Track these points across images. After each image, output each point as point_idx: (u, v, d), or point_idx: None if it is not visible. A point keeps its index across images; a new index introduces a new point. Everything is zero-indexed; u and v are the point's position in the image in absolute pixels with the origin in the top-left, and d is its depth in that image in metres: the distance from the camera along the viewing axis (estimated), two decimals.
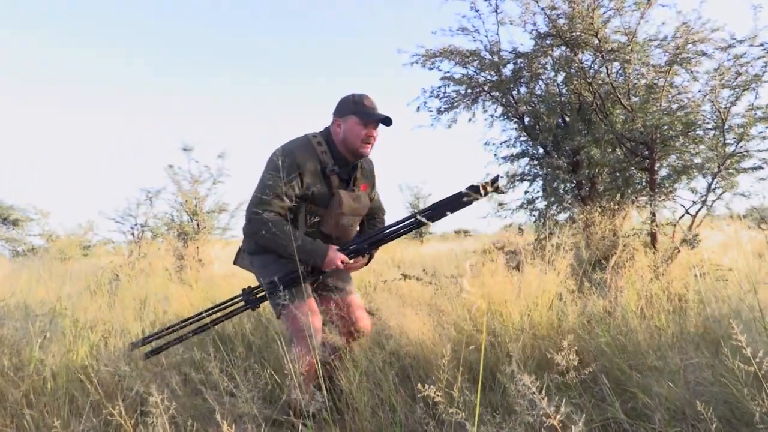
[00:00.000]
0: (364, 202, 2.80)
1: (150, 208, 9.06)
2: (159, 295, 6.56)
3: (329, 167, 2.62)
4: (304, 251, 2.48)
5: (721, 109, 4.04)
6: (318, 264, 2.54)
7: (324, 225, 2.68)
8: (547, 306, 3.66)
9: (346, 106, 2.64)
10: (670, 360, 2.47)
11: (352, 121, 2.60)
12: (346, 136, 2.62)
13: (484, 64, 5.21)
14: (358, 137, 2.61)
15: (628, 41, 4.33)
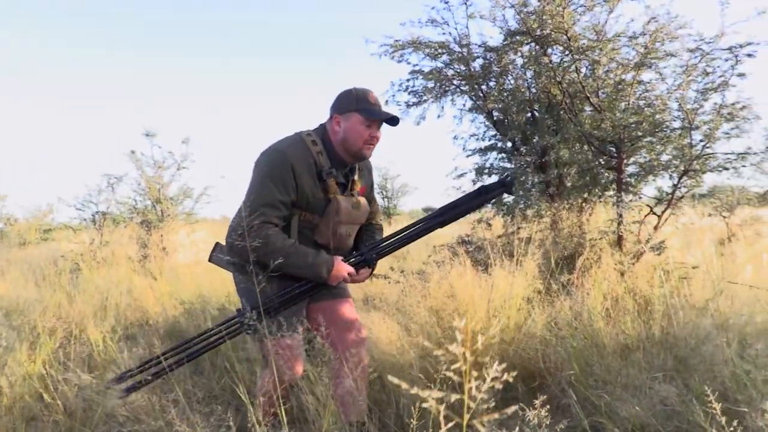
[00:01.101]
0: (364, 209, 2.55)
1: (112, 194, 8.83)
2: (122, 287, 6.42)
3: (326, 170, 2.33)
4: (308, 266, 2.26)
5: (688, 109, 4.05)
6: (323, 278, 2.29)
7: (319, 235, 2.41)
8: (515, 308, 3.66)
9: (347, 101, 2.36)
10: (633, 377, 2.48)
11: (354, 120, 2.33)
12: (347, 136, 2.34)
13: (453, 56, 5.14)
14: (361, 138, 2.34)
15: (597, 40, 4.30)
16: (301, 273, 2.25)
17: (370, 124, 2.32)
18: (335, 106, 2.39)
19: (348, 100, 2.35)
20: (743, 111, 4.14)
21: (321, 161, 2.32)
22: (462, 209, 2.49)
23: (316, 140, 2.35)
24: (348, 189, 2.47)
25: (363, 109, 2.32)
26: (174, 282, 6.54)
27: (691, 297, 3.83)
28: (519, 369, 3.30)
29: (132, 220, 8.76)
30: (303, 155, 2.28)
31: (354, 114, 2.32)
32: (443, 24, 5.14)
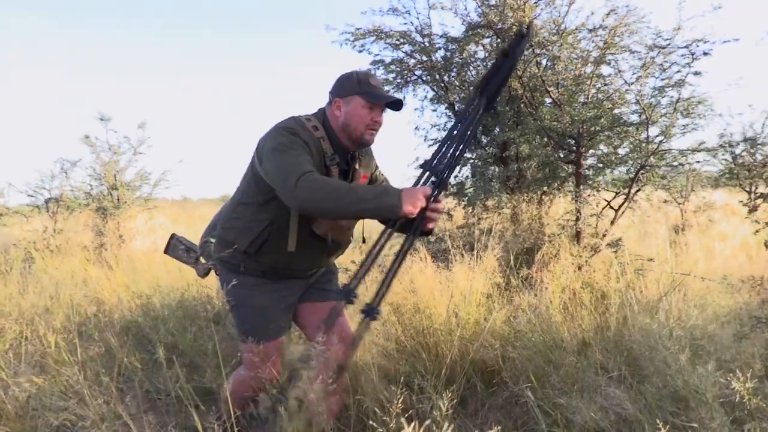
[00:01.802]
0: None
1: (66, 180, 8.57)
2: (77, 278, 6.27)
3: (329, 157, 2.21)
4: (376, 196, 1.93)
5: (645, 105, 4.10)
6: (396, 207, 1.91)
7: (317, 225, 2.26)
8: (475, 304, 3.69)
9: (348, 84, 2.22)
10: (589, 380, 2.52)
11: (356, 103, 2.20)
12: (349, 121, 2.21)
13: (415, 46, 5.10)
14: (363, 122, 2.21)
15: (557, 35, 4.32)
16: (369, 206, 1.92)
17: (372, 107, 2.20)
18: (335, 89, 2.27)
19: (349, 83, 2.23)
20: (699, 107, 4.22)
21: (325, 147, 2.21)
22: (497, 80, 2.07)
23: (317, 125, 2.23)
24: (350, 178, 2.34)
25: (365, 92, 2.19)
26: (131, 272, 6.41)
27: (646, 289, 3.92)
28: (479, 365, 3.35)
29: (87, 206, 8.53)
30: (310, 137, 2.16)
31: (355, 97, 2.20)
32: (405, 13, 5.09)
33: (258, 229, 2.26)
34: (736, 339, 2.47)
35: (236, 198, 2.38)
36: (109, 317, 4.78)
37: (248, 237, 2.28)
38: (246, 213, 2.30)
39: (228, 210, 2.43)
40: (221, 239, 2.41)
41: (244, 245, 2.29)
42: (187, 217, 13.61)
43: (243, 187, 2.34)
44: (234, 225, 2.35)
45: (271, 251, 2.29)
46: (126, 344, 3.98)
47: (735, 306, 3.66)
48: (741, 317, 3.16)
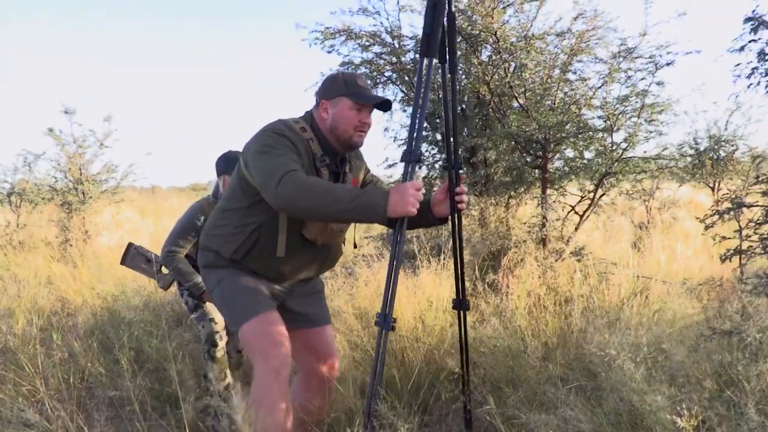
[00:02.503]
0: None
1: (29, 173, 8.40)
2: (41, 276, 6.17)
3: (318, 158, 2.14)
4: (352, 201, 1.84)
5: (610, 113, 4.17)
6: (380, 210, 1.85)
7: (307, 229, 2.16)
8: (442, 310, 3.73)
9: (335, 86, 2.16)
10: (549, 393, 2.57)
11: (343, 105, 2.13)
12: (337, 123, 2.14)
13: (385, 47, 5.09)
14: (351, 124, 2.14)
15: (525, 43, 4.35)
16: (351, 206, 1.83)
17: (360, 108, 2.14)
18: (321, 91, 2.19)
19: (336, 84, 2.16)
20: (662, 114, 4.30)
21: (313, 148, 2.14)
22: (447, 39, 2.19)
23: (306, 127, 2.16)
24: (340, 181, 2.25)
25: (352, 93, 2.14)
26: (96, 269, 6.33)
27: (609, 293, 4.00)
28: (446, 372, 3.38)
29: (51, 200, 8.36)
30: (298, 138, 2.10)
31: (343, 98, 2.13)
32: (375, 14, 5.08)
33: (245, 234, 2.16)
34: (691, 350, 2.54)
35: (221, 205, 2.28)
36: (73, 320, 4.71)
37: (234, 242, 2.18)
38: (232, 218, 2.20)
39: (215, 217, 2.32)
40: (204, 247, 2.31)
41: (229, 251, 2.18)
42: (156, 208, 13.46)
43: (228, 194, 2.26)
44: (219, 232, 2.24)
45: (259, 257, 2.18)
46: (90, 348, 3.93)
47: (693, 311, 3.75)
48: (698, 323, 3.24)
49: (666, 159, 4.34)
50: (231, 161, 3.12)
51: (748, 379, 1.88)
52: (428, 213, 2.24)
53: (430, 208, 2.25)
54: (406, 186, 1.87)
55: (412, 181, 1.89)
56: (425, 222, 2.30)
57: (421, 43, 2.04)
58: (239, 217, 2.18)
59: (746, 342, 1.87)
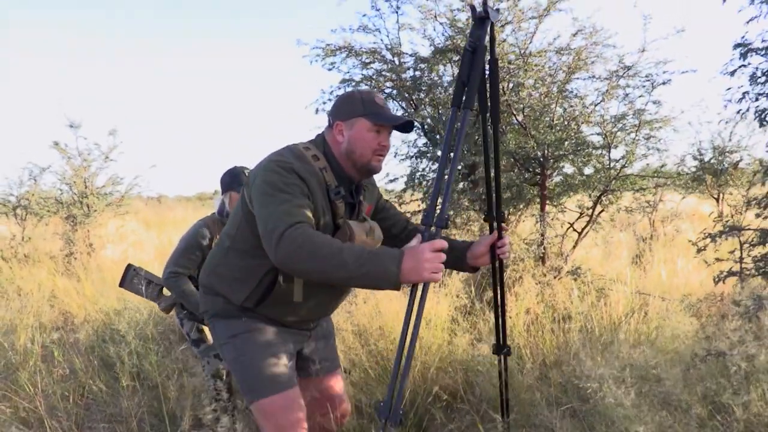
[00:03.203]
0: (378, 237, 2.04)
1: (34, 186, 8.47)
2: (44, 290, 6.21)
3: (333, 189, 1.92)
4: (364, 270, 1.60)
5: (608, 131, 4.19)
6: (392, 277, 1.59)
7: None
8: (439, 328, 3.75)
9: (351, 105, 1.95)
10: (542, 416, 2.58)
11: (361, 126, 1.92)
12: (353, 147, 1.93)
13: (385, 64, 5.14)
14: (369, 147, 1.92)
15: (522, 62, 4.38)
16: (358, 273, 1.60)
17: (379, 130, 1.93)
18: (335, 111, 1.99)
19: (352, 104, 1.95)
20: (660, 131, 4.32)
21: (328, 179, 1.92)
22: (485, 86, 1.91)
23: (318, 155, 1.94)
24: (356, 212, 2.05)
25: (371, 113, 1.92)
26: (100, 283, 6.37)
27: (608, 310, 4.01)
28: (441, 388, 3.40)
29: (56, 213, 8.43)
30: (310, 170, 1.87)
31: (360, 119, 1.92)
32: (375, 31, 5.13)
33: (255, 278, 1.94)
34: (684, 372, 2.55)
35: (226, 243, 2.04)
36: (75, 336, 4.75)
37: (245, 288, 1.96)
38: (240, 260, 1.97)
39: (218, 255, 2.08)
40: (209, 289, 2.08)
41: (240, 298, 1.97)
42: (161, 220, 13.53)
43: (232, 231, 2.02)
44: (226, 273, 2.01)
45: (274, 303, 1.97)
46: (91, 365, 3.96)
47: (691, 328, 3.75)
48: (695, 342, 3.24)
49: (663, 176, 4.35)
50: (237, 177, 3.03)
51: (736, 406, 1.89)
52: (462, 263, 2.10)
53: (465, 256, 2.08)
54: (422, 249, 1.59)
55: (431, 242, 1.61)
56: (457, 268, 2.16)
57: (454, 93, 1.78)
58: (248, 259, 1.95)
59: (731, 370, 1.88)
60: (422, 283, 1.62)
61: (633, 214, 5.12)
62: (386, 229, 2.17)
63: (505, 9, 4.53)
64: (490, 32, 1.83)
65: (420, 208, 5.51)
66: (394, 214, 2.27)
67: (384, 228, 2.14)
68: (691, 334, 3.55)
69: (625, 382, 2.17)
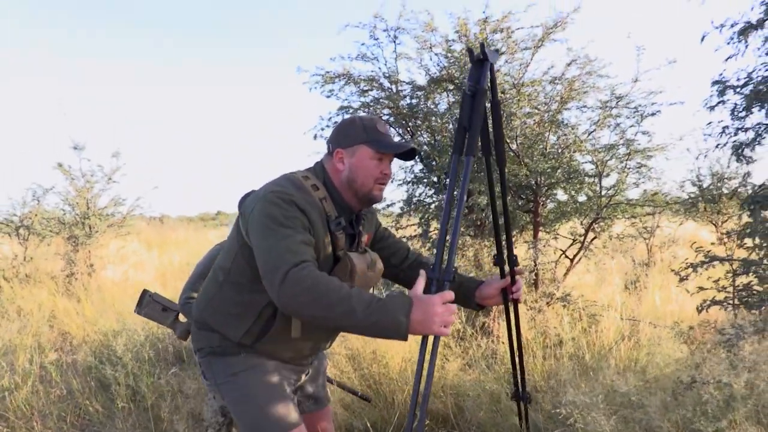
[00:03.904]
0: (379, 269, 1.99)
1: (37, 207, 8.56)
2: (45, 311, 6.27)
3: (333, 221, 1.84)
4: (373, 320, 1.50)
5: (599, 160, 4.27)
6: (401, 328, 1.49)
7: None
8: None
9: (353, 132, 1.88)
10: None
11: (363, 154, 1.86)
12: (355, 175, 1.87)
13: (383, 92, 5.24)
14: (371, 176, 1.87)
15: (516, 92, 4.48)
16: (365, 323, 1.51)
17: (381, 158, 1.87)
18: (336, 138, 1.91)
19: (353, 130, 1.88)
20: (651, 161, 4.40)
21: (328, 209, 1.84)
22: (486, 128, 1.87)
23: (317, 184, 1.87)
24: (356, 242, 1.97)
25: (373, 140, 1.85)
26: (100, 303, 6.43)
27: (599, 336, 4.06)
28: (432, 414, 3.44)
29: (59, 234, 8.51)
30: (310, 201, 1.79)
31: (362, 147, 1.86)
32: (373, 59, 5.24)
33: (253, 313, 1.85)
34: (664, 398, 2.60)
35: (220, 277, 1.93)
36: (73, 357, 4.80)
37: (242, 324, 1.87)
38: (235, 294, 1.89)
39: (211, 289, 1.98)
40: (203, 325, 1.98)
41: (237, 335, 1.88)
42: (162, 240, 13.60)
43: (227, 263, 1.92)
44: (221, 308, 1.92)
45: (273, 340, 1.89)
46: (88, 386, 4.02)
47: (682, 355, 3.80)
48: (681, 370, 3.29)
49: (654, 204, 4.43)
50: None
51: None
52: (470, 301, 2.06)
53: (473, 295, 2.05)
54: (433, 301, 1.51)
55: (441, 294, 1.53)
56: (463, 305, 2.08)
57: (455, 139, 1.73)
58: (244, 293, 1.87)
59: (704, 399, 1.93)
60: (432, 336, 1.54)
61: (625, 241, 5.16)
62: (385, 259, 2.11)
63: (499, 40, 4.65)
64: (491, 74, 1.80)
65: (416, 233, 5.58)
66: (394, 242, 2.20)
67: (383, 257, 2.08)
68: (681, 362, 3.59)
69: (605, 409, 2.23)
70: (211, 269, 2.01)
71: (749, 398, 1.96)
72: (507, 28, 4.69)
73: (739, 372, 1.94)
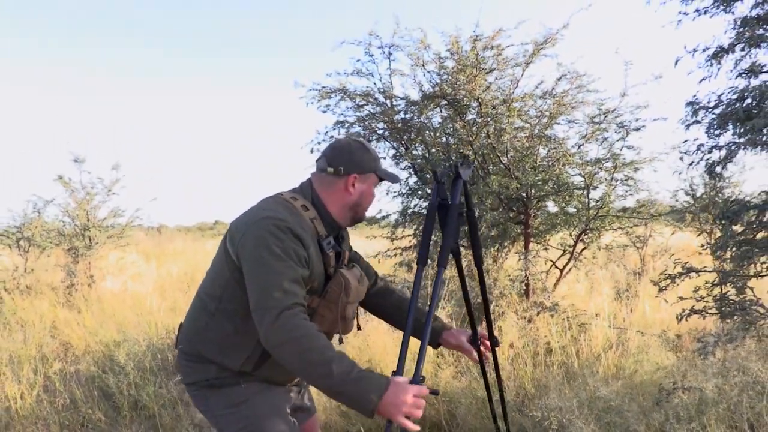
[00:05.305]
0: (365, 282, 2.03)
1: (38, 218, 8.66)
2: (46, 321, 6.37)
3: (324, 240, 1.85)
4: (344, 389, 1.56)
5: (587, 172, 4.41)
6: (369, 406, 1.54)
7: (321, 321, 1.85)
8: (426, 362, 3.91)
9: (367, 159, 1.90)
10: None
11: (372, 182, 1.93)
12: (362, 201, 1.92)
13: (378, 107, 5.39)
14: (371, 202, 1.96)
15: (504, 103, 4.63)
16: (339, 390, 1.57)
17: (378, 184, 1.98)
18: (350, 163, 1.88)
19: (368, 158, 1.90)
20: (638, 173, 4.54)
21: (318, 229, 1.85)
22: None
23: (306, 204, 1.86)
24: (342, 259, 1.99)
25: (380, 170, 1.93)
26: (100, 314, 6.53)
27: (588, 344, 4.18)
28: (425, 420, 3.56)
29: (59, 245, 8.62)
30: (303, 224, 1.80)
31: (373, 175, 1.92)
32: (368, 75, 5.39)
33: (251, 341, 1.80)
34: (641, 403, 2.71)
35: (210, 306, 1.87)
36: (76, 367, 4.90)
37: (240, 353, 1.83)
38: (230, 322, 1.84)
39: (201, 318, 1.90)
40: (198, 357, 1.89)
41: (237, 364, 1.83)
42: (160, 251, 13.70)
43: (217, 291, 1.86)
44: (215, 338, 1.86)
45: (273, 364, 1.82)
46: (91, 395, 4.12)
47: (668, 362, 3.92)
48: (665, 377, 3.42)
49: (641, 217, 4.57)
50: None
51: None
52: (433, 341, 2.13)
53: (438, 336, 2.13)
54: (407, 389, 1.56)
55: (419, 387, 1.60)
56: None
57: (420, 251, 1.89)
58: (239, 321, 1.82)
59: (674, 403, 2.05)
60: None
61: (614, 251, 5.29)
62: None
63: (490, 57, 4.80)
64: (464, 189, 1.90)
65: (411, 244, 5.71)
66: (366, 265, 2.23)
67: None
68: (666, 369, 3.72)
69: (587, 414, 2.35)
70: (196, 296, 1.96)
71: (720, 402, 2.08)
72: (497, 46, 4.85)
73: (709, 377, 2.06)
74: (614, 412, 2.50)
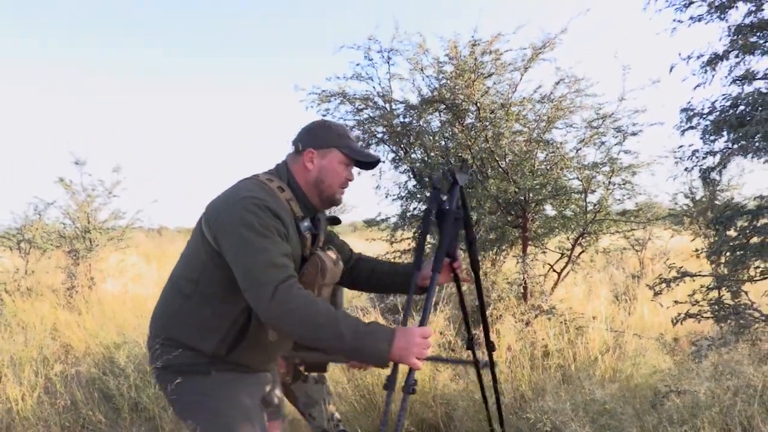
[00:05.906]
0: (341, 265, 2.07)
1: (39, 221, 8.69)
2: (46, 323, 6.40)
3: (301, 221, 1.87)
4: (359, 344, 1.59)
5: (584, 176, 4.44)
6: (383, 355, 1.60)
7: None
8: (424, 365, 3.93)
9: (326, 135, 1.94)
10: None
11: (333, 157, 1.92)
12: (324, 177, 1.91)
13: (377, 110, 5.42)
14: (338, 180, 1.94)
15: (503, 107, 4.66)
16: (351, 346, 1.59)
17: (348, 164, 1.96)
18: (307, 138, 1.94)
19: (327, 134, 1.94)
20: (635, 177, 4.57)
21: (295, 210, 1.87)
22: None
23: (282, 186, 1.88)
24: (318, 241, 2.00)
25: (344, 145, 1.93)
26: (100, 316, 6.55)
27: (586, 347, 4.20)
28: (422, 423, 3.59)
29: (59, 247, 8.65)
30: (281, 205, 1.81)
31: (334, 150, 1.92)
32: (368, 79, 5.42)
33: (226, 322, 1.81)
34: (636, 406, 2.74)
35: (186, 289, 1.86)
36: (76, 368, 4.93)
37: (215, 335, 1.82)
38: (208, 306, 1.83)
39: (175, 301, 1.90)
40: (171, 341, 1.87)
41: (211, 347, 1.82)
42: (161, 253, 13.72)
43: (193, 274, 1.85)
44: (189, 320, 1.85)
45: (248, 347, 1.85)
46: (91, 397, 4.14)
47: (665, 366, 3.94)
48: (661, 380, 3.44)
49: (638, 221, 4.60)
50: None
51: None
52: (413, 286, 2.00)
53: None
54: (414, 332, 1.62)
55: (421, 328, 1.65)
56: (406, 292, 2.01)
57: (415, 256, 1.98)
58: (216, 304, 1.83)
59: (666, 406, 2.08)
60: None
61: (612, 254, 5.32)
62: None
63: (488, 62, 4.83)
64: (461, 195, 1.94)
65: (410, 247, 5.74)
66: (340, 243, 2.25)
67: None
68: (663, 372, 3.74)
69: (582, 417, 2.37)
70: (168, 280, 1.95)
71: (713, 406, 2.11)
72: (496, 50, 4.88)
73: (702, 381, 2.09)
74: (609, 415, 2.53)
